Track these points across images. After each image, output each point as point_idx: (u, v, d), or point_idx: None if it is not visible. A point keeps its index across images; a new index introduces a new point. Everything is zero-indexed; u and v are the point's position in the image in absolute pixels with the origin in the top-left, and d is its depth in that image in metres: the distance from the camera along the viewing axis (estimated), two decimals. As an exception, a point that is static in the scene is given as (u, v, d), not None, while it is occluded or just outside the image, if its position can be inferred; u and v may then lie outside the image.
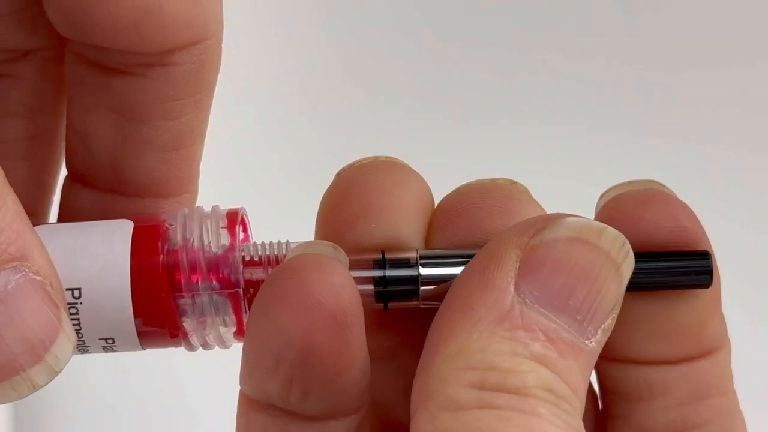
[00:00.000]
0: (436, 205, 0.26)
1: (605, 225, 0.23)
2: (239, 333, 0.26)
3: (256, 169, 0.60)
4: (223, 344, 0.26)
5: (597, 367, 0.26)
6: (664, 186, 0.26)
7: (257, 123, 0.60)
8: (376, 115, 0.60)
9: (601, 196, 0.26)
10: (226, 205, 0.27)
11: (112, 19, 0.25)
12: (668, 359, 0.26)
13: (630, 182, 0.26)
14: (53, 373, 0.23)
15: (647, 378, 0.26)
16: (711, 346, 0.26)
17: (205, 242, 0.26)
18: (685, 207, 0.25)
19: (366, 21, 0.61)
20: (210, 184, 0.30)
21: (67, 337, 0.23)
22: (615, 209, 0.25)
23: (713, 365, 0.26)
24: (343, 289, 0.23)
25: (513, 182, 0.26)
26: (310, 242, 0.25)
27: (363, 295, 0.24)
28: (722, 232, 0.26)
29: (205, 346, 0.26)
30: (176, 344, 0.26)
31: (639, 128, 0.59)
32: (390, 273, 0.25)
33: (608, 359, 0.26)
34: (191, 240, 0.26)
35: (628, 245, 0.23)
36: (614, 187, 0.26)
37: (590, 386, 0.27)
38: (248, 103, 0.59)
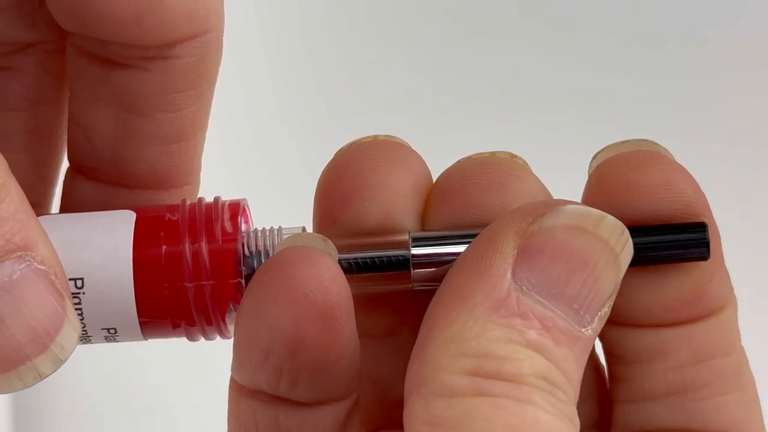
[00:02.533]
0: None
1: (604, 213, 0.23)
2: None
3: (258, 160, 0.60)
4: (225, 335, 0.27)
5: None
6: (657, 145, 0.26)
7: (259, 115, 0.61)
8: (377, 100, 0.61)
9: (594, 158, 0.26)
10: (227, 197, 0.27)
11: (113, 12, 0.25)
12: (667, 322, 0.26)
13: (622, 143, 0.26)
14: (59, 362, 0.24)
15: (645, 341, 0.26)
16: (712, 308, 0.26)
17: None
18: (679, 168, 0.25)
19: (366, 5, 0.61)
20: (212, 176, 0.30)
21: (71, 327, 0.24)
22: (606, 173, 0.25)
23: (716, 326, 0.26)
24: (332, 283, 0.24)
25: (512, 155, 0.26)
26: (299, 234, 0.26)
27: (357, 278, 0.25)
28: (726, 212, 0.26)
29: (207, 336, 0.27)
30: (178, 335, 0.27)
31: (639, 102, 0.59)
32: (382, 255, 0.25)
33: (607, 322, 0.26)
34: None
35: (627, 234, 0.24)
36: (606, 148, 0.26)
37: (598, 369, 0.28)
38: (250, 95, 0.59)
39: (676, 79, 0.60)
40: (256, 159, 0.61)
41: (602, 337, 0.27)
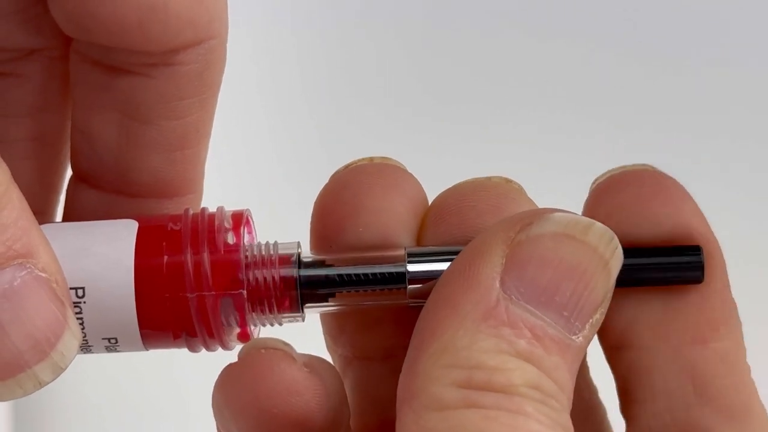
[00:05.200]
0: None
1: (593, 220, 0.24)
2: (242, 335, 0.27)
3: (261, 169, 0.61)
4: (226, 346, 0.27)
5: (608, 362, 0.27)
6: (658, 169, 0.26)
7: (262, 123, 0.61)
8: (380, 114, 0.61)
9: (593, 183, 0.26)
10: (231, 206, 0.27)
11: (116, 18, 0.26)
12: (665, 339, 0.26)
13: (622, 167, 0.26)
14: (59, 370, 0.24)
15: (648, 372, 0.26)
16: (713, 329, 0.26)
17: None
18: (678, 187, 0.26)
19: (368, 22, 0.62)
20: (215, 185, 0.31)
21: (72, 334, 0.24)
22: (599, 192, 0.26)
23: (718, 354, 0.26)
24: (296, 394, 0.24)
25: (508, 180, 0.27)
26: (261, 339, 0.26)
27: (352, 294, 0.26)
28: (721, 226, 0.27)
29: (208, 347, 0.27)
30: (179, 345, 0.27)
31: (636, 127, 0.60)
32: (377, 270, 0.26)
33: (608, 346, 0.26)
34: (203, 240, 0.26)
35: (616, 240, 0.24)
36: (606, 173, 0.26)
37: (591, 390, 0.28)
38: (253, 104, 0.60)
39: (670, 88, 0.60)
40: (259, 168, 0.61)
41: (613, 372, 0.27)
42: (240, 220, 0.27)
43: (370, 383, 0.27)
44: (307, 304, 0.26)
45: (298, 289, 0.26)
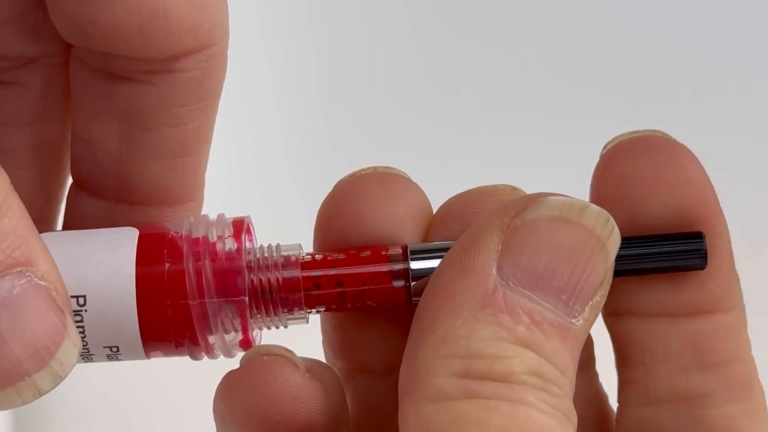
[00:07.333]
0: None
1: (588, 202, 0.24)
2: (244, 342, 0.27)
3: (262, 177, 0.61)
4: (228, 353, 0.27)
5: (607, 326, 0.27)
6: (668, 135, 0.26)
7: (263, 131, 0.61)
8: (382, 122, 0.61)
9: (604, 148, 0.26)
10: (231, 214, 0.28)
11: (116, 25, 0.26)
12: (667, 311, 0.26)
13: (633, 132, 0.26)
14: (58, 379, 0.24)
15: (648, 337, 0.26)
16: (715, 302, 0.26)
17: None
18: (690, 157, 0.25)
19: (376, 28, 0.62)
20: (215, 192, 0.31)
21: (72, 343, 0.24)
22: (610, 158, 0.26)
23: (720, 331, 0.26)
24: (299, 396, 0.24)
25: (514, 188, 0.27)
26: (263, 346, 0.26)
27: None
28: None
29: (210, 355, 0.27)
30: (181, 353, 0.27)
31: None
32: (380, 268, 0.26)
33: (608, 313, 0.26)
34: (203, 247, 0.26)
35: (612, 221, 0.24)
36: (616, 137, 0.26)
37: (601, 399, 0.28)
38: (254, 111, 0.60)
39: (675, 95, 0.61)
40: (261, 175, 0.61)
41: (611, 335, 0.27)
42: (241, 226, 0.27)
43: (372, 396, 0.27)
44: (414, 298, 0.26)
45: (409, 281, 0.26)
